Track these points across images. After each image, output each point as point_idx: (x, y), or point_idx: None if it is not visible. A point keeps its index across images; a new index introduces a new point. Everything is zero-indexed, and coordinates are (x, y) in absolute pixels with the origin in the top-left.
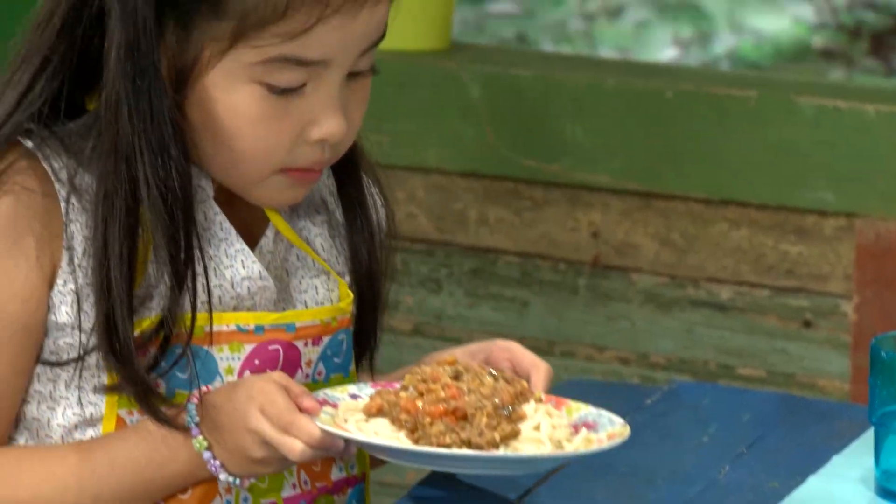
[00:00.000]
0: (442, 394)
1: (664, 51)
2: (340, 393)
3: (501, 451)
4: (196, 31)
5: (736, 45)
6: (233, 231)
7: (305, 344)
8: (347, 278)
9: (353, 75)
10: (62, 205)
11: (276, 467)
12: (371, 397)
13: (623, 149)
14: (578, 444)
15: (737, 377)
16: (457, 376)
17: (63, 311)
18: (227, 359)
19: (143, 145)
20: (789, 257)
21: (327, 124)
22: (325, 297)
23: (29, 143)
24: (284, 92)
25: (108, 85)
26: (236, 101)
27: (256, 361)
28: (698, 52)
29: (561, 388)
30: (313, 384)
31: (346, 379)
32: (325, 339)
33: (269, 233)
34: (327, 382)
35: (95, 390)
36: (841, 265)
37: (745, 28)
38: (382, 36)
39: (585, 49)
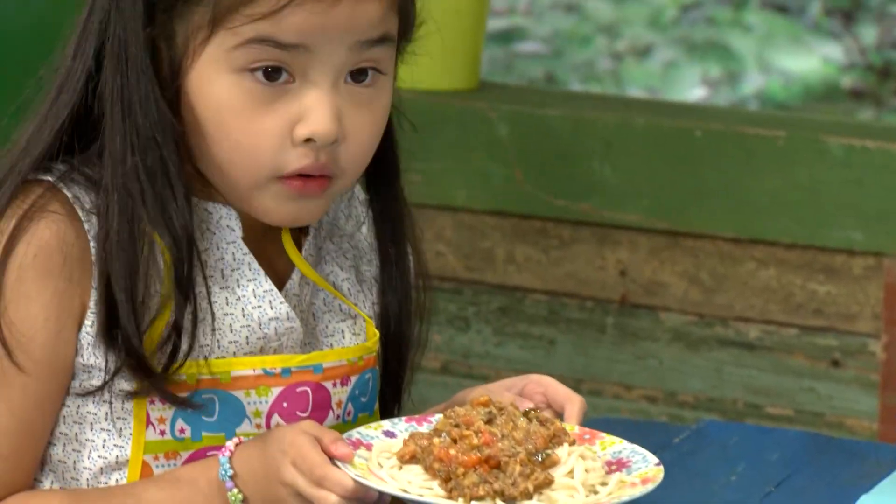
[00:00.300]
0: (475, 440)
1: (693, 90)
2: (375, 431)
3: (534, 502)
4: (179, 24)
5: (765, 85)
6: (261, 272)
7: (334, 385)
8: (375, 321)
9: (354, 80)
10: (91, 243)
11: None
12: (405, 442)
13: (652, 188)
14: (612, 489)
15: (765, 416)
16: (490, 420)
17: (90, 353)
18: (255, 402)
19: (134, 140)
20: (817, 296)
21: (313, 122)
22: (351, 341)
23: (50, 178)
24: (269, 82)
25: (102, 82)
26: (221, 92)
27: (285, 404)
28: (727, 91)
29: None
30: (343, 425)
31: (371, 418)
32: (353, 379)
33: (295, 276)
34: (355, 422)
35: (124, 398)
36: (869, 304)
37: (774, 68)
38: (382, 38)
39: (613, 89)
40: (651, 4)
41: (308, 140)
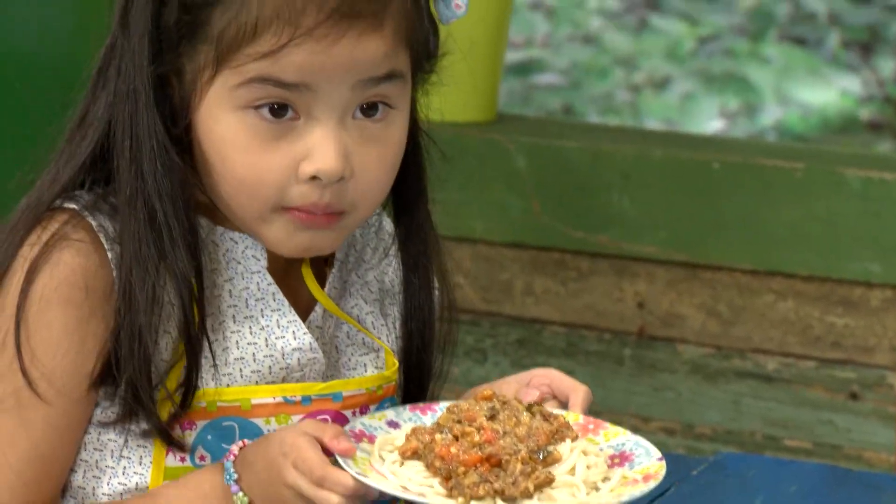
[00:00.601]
0: (477, 437)
1: (710, 122)
2: (378, 421)
3: (534, 502)
4: (187, 62)
5: (783, 117)
6: (286, 302)
7: (353, 413)
8: (397, 352)
9: (364, 114)
10: (114, 271)
11: None
12: (407, 437)
13: (669, 220)
14: (613, 486)
15: (783, 448)
16: (493, 416)
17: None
18: (275, 430)
19: (139, 175)
20: (836, 329)
21: (318, 159)
22: (373, 374)
23: (75, 206)
24: (274, 120)
25: (114, 115)
26: (227, 128)
27: None
28: (745, 123)
29: None
30: None
31: None
32: (372, 408)
33: (319, 308)
34: None
35: (143, 435)
36: (887, 337)
37: (792, 100)
38: (389, 75)
39: (631, 121)
40: (669, 36)
41: (314, 177)
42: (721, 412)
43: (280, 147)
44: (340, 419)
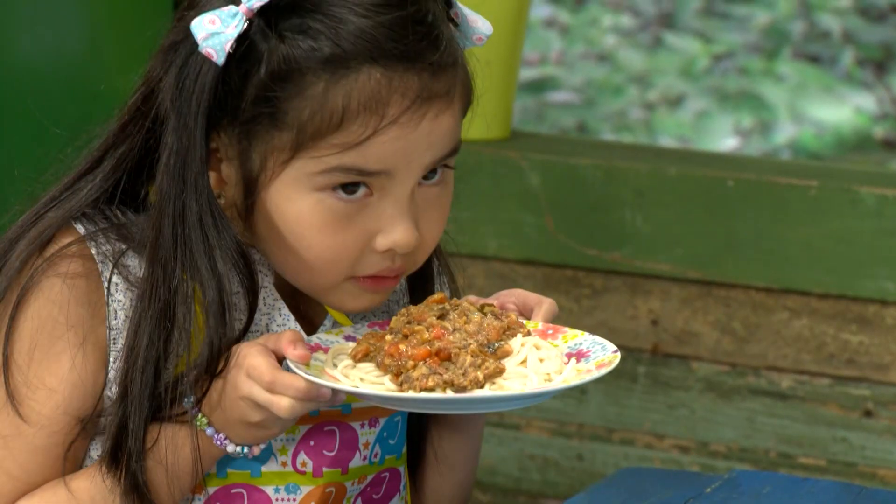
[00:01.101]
0: (426, 335)
1: (725, 140)
2: (336, 336)
3: (485, 390)
4: (258, 143)
5: (797, 135)
6: (291, 317)
7: (362, 426)
8: None
9: (425, 178)
10: (105, 286)
11: (276, 429)
12: (358, 341)
13: (683, 237)
14: (568, 376)
15: (797, 466)
16: (443, 315)
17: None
18: (282, 440)
19: (178, 254)
20: (850, 346)
21: (394, 234)
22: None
23: (81, 228)
24: (348, 198)
25: (158, 188)
26: (301, 210)
27: (311, 442)
28: (759, 141)
29: (619, 476)
30: (370, 466)
31: (399, 461)
32: (382, 421)
33: (327, 322)
34: (382, 464)
35: None
36: None
37: (806, 118)
38: (454, 150)
39: (645, 138)
40: (683, 54)
41: (387, 249)
42: (735, 430)
43: (355, 224)
44: (348, 431)
